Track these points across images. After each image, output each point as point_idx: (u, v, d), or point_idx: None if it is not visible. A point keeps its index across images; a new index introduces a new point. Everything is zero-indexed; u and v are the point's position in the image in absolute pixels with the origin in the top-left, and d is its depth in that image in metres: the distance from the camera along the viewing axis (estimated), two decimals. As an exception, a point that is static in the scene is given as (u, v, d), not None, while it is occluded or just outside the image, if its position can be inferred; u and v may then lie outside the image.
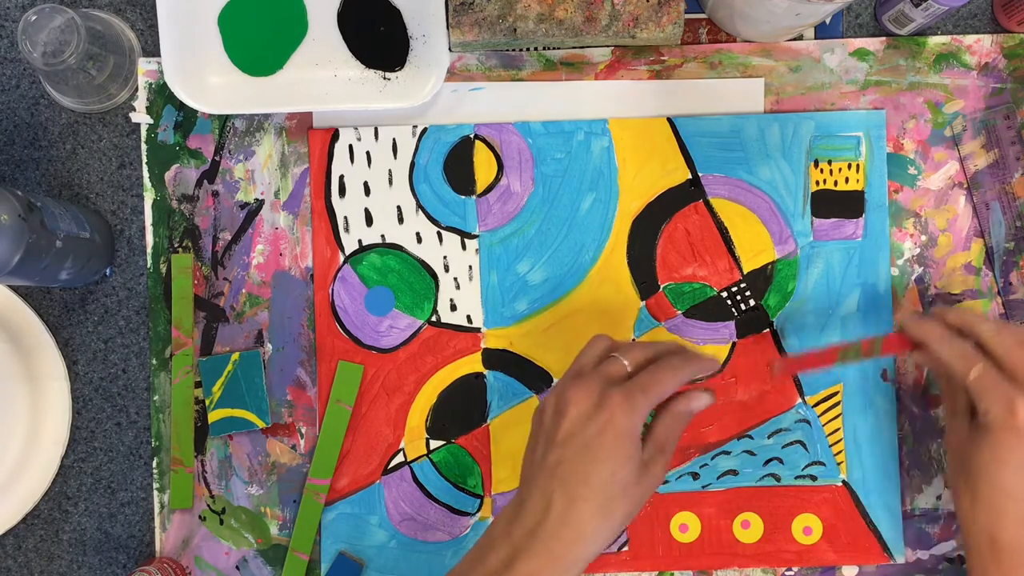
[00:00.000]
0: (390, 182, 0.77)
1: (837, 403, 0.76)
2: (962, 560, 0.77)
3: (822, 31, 0.77)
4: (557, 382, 0.65)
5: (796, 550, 0.76)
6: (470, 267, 0.77)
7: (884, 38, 0.77)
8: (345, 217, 0.77)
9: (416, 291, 0.77)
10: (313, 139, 0.77)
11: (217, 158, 0.77)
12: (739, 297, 0.76)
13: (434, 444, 0.77)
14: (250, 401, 0.76)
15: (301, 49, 0.76)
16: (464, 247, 0.77)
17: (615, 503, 0.60)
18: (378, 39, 0.75)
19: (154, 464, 0.77)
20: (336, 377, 0.76)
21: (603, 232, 0.77)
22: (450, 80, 0.77)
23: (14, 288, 0.76)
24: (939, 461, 0.77)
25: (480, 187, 0.77)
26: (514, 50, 0.77)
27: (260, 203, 0.77)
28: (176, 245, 0.77)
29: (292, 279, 0.77)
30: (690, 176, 0.77)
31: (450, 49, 0.75)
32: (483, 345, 0.77)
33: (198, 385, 0.77)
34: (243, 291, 0.77)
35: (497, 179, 0.77)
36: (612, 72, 0.77)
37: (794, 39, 0.77)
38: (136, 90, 0.77)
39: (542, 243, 0.77)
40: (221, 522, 0.77)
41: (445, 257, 0.77)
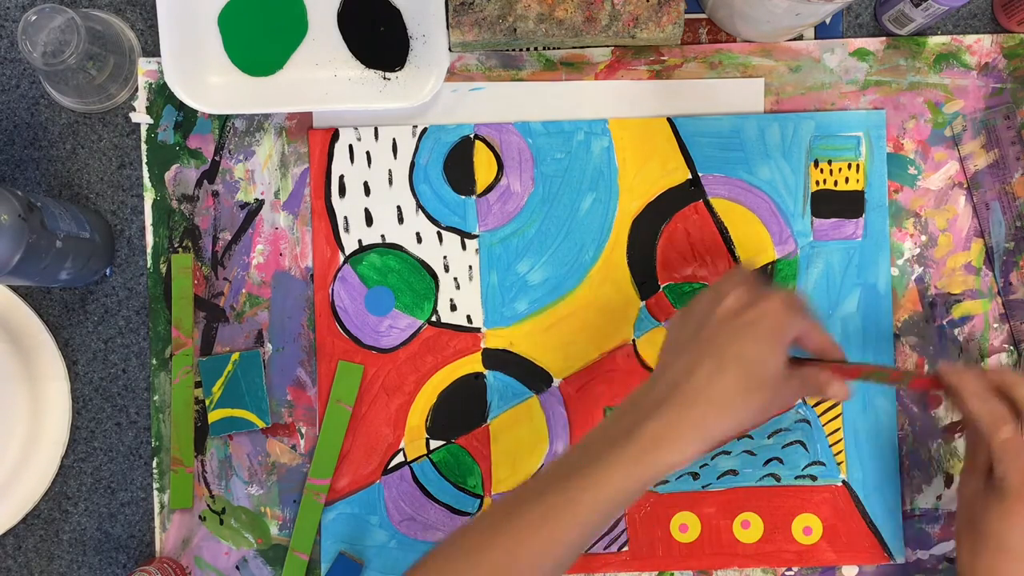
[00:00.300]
0: (390, 182, 0.77)
1: (837, 403, 0.76)
2: (962, 560, 0.77)
3: (822, 31, 0.77)
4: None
5: (796, 550, 0.76)
6: (470, 267, 0.77)
7: (884, 38, 0.77)
8: (345, 217, 0.77)
9: (416, 291, 0.77)
10: (313, 139, 0.77)
11: (217, 158, 0.77)
12: (739, 297, 0.76)
13: (434, 444, 0.77)
14: (250, 401, 0.76)
15: (301, 49, 0.76)
16: (464, 247, 0.77)
17: (758, 387, 0.59)
18: (378, 39, 0.75)
19: (154, 464, 0.77)
20: (336, 377, 0.76)
21: (603, 232, 0.77)
22: (450, 80, 0.77)
23: (14, 288, 0.76)
24: (939, 461, 0.77)
25: (480, 187, 0.77)
26: (514, 50, 0.77)
27: (260, 203, 0.77)
28: (176, 245, 0.77)
29: (292, 279, 0.77)
30: (690, 176, 0.77)
31: (450, 49, 0.75)
32: (483, 345, 0.77)
33: (198, 385, 0.77)
34: (243, 291, 0.77)
35: (497, 179, 0.77)
36: (612, 72, 0.77)
37: (794, 39, 0.77)
38: (136, 90, 0.77)
39: (542, 243, 0.77)
40: (221, 522, 0.77)
41: (445, 257, 0.77)
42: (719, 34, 0.77)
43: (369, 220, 0.77)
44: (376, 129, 0.77)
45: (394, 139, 0.77)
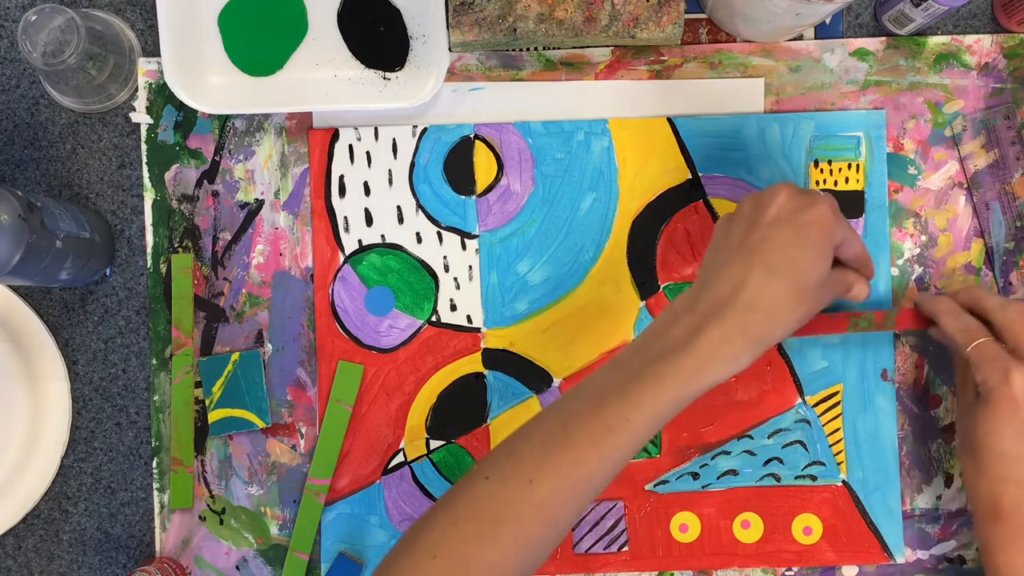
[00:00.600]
0: (390, 182, 0.77)
1: (837, 403, 0.76)
2: (962, 560, 0.77)
3: (822, 31, 0.77)
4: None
5: (796, 550, 0.76)
6: (470, 267, 0.77)
7: (884, 38, 0.77)
8: (345, 217, 0.77)
9: (416, 291, 0.77)
10: (313, 139, 0.77)
11: (217, 158, 0.77)
12: (739, 297, 0.76)
13: (434, 444, 0.77)
14: (250, 401, 0.76)
15: (301, 49, 0.76)
16: (464, 247, 0.77)
17: (806, 293, 0.60)
18: (378, 39, 0.75)
19: (154, 464, 0.77)
20: (336, 377, 0.76)
21: (603, 232, 0.77)
22: (450, 80, 0.77)
23: (14, 288, 0.76)
24: (939, 461, 0.77)
25: (480, 187, 0.77)
26: (514, 50, 0.77)
27: (260, 203, 0.77)
28: (176, 245, 0.77)
29: (292, 279, 0.77)
30: (690, 176, 0.77)
31: (450, 49, 0.75)
32: (483, 345, 0.77)
33: (198, 385, 0.77)
34: (243, 291, 0.77)
35: (497, 179, 0.77)
36: (612, 72, 0.77)
37: (794, 39, 0.77)
38: (136, 90, 0.77)
39: (542, 243, 0.77)
40: (221, 522, 0.77)
41: (445, 257, 0.77)
42: (719, 34, 0.77)
43: (369, 220, 0.77)
44: (376, 129, 0.77)
45: (394, 139, 0.77)
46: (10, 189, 0.64)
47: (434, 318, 0.77)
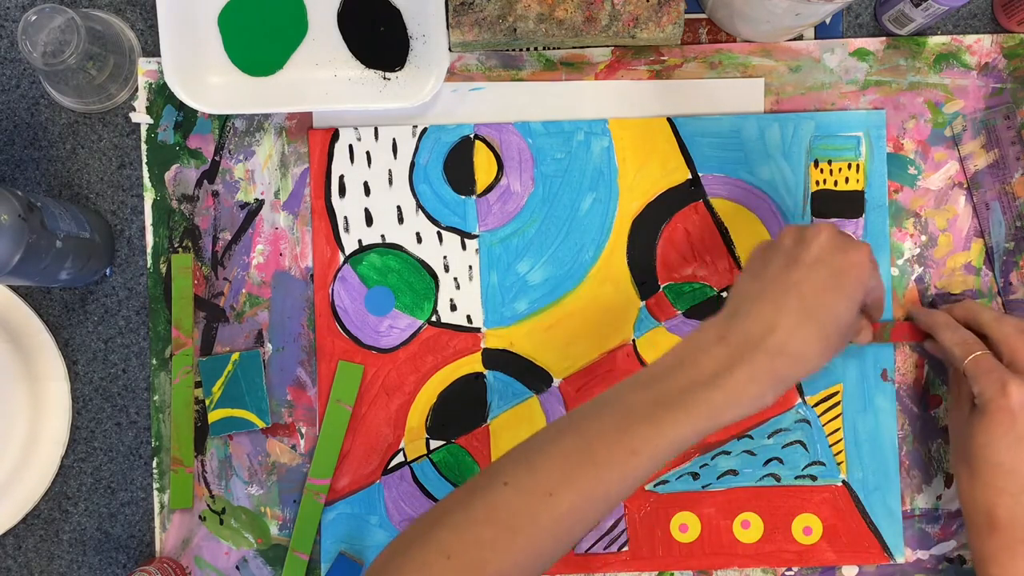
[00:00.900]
0: (390, 182, 0.77)
1: (837, 403, 0.76)
2: (962, 560, 0.77)
3: (822, 31, 0.77)
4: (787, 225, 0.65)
5: (796, 550, 0.76)
6: (470, 267, 0.77)
7: (884, 38, 0.77)
8: (345, 217, 0.77)
9: (416, 291, 0.77)
10: (313, 139, 0.77)
11: (217, 158, 0.77)
12: (739, 297, 0.76)
13: (434, 444, 0.77)
14: (250, 401, 0.76)
15: (301, 49, 0.76)
16: (464, 247, 0.77)
17: (834, 339, 0.60)
18: (378, 39, 0.75)
19: (154, 464, 0.77)
20: (336, 377, 0.76)
21: (603, 232, 0.77)
22: (450, 80, 0.77)
23: (14, 288, 0.76)
24: (939, 461, 0.77)
25: (480, 187, 0.77)
26: (514, 50, 0.77)
27: (260, 203, 0.77)
28: (176, 245, 0.77)
29: (292, 279, 0.77)
30: (690, 176, 0.77)
31: (450, 49, 0.75)
32: (483, 345, 0.77)
33: (198, 385, 0.77)
34: (243, 291, 0.77)
35: (497, 179, 0.77)
36: (612, 72, 0.77)
37: (794, 39, 0.77)
38: (136, 90, 0.77)
39: (542, 243, 0.77)
40: (221, 522, 0.77)
41: (445, 257, 0.77)
42: (719, 34, 0.77)
43: (369, 220, 0.77)
44: (376, 129, 0.77)
45: (394, 139, 0.77)
46: (10, 189, 0.64)
47: (434, 318, 0.77)
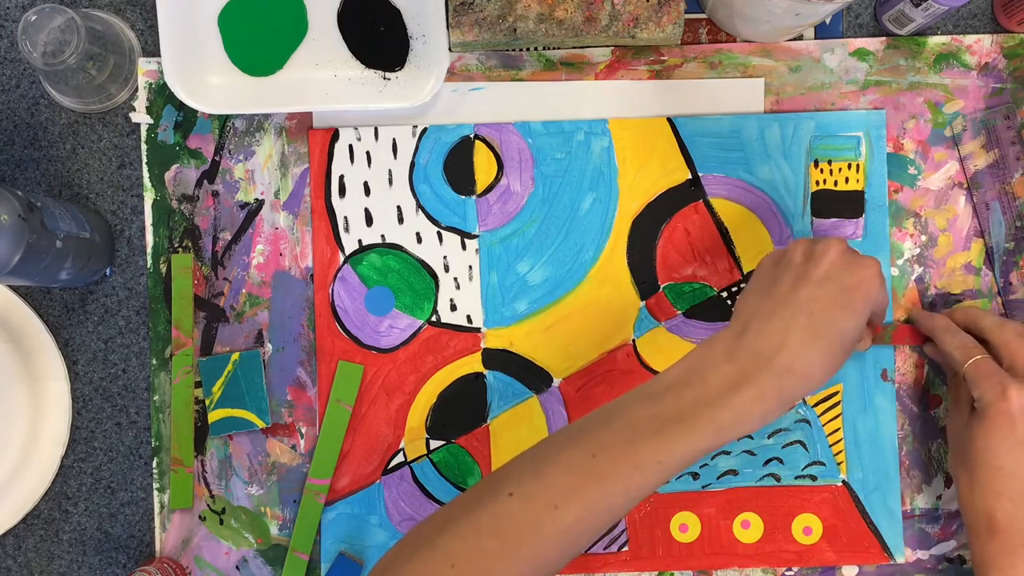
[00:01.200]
0: (390, 182, 0.77)
1: (837, 403, 0.76)
2: (962, 560, 0.77)
3: (822, 31, 0.77)
4: (796, 239, 0.65)
5: (796, 550, 0.76)
6: (470, 267, 0.77)
7: (884, 38, 0.77)
8: (345, 217, 0.77)
9: (416, 291, 0.77)
10: (313, 139, 0.77)
11: (217, 158, 0.77)
12: (739, 297, 0.76)
13: (434, 444, 0.77)
14: (250, 401, 0.76)
15: (301, 49, 0.76)
16: (464, 247, 0.77)
17: (840, 356, 0.60)
18: (378, 39, 0.75)
19: (154, 464, 0.77)
20: (336, 377, 0.76)
21: (603, 232, 0.77)
22: (450, 80, 0.77)
23: (14, 288, 0.76)
24: (939, 461, 0.77)
25: (480, 187, 0.77)
26: (514, 50, 0.77)
27: (260, 203, 0.77)
28: (176, 245, 0.77)
29: (292, 279, 0.77)
30: (690, 176, 0.77)
31: (450, 49, 0.75)
32: (483, 345, 0.77)
33: (198, 385, 0.77)
34: (243, 291, 0.77)
35: (497, 179, 0.77)
36: (612, 72, 0.77)
37: (794, 39, 0.77)
38: (136, 90, 0.77)
39: (542, 243, 0.77)
40: (221, 522, 0.77)
41: (445, 257, 0.77)
42: (719, 34, 0.77)
43: (369, 220, 0.77)
44: (376, 129, 0.77)
45: (394, 139, 0.77)
46: (10, 189, 0.64)
47: (434, 318, 0.77)
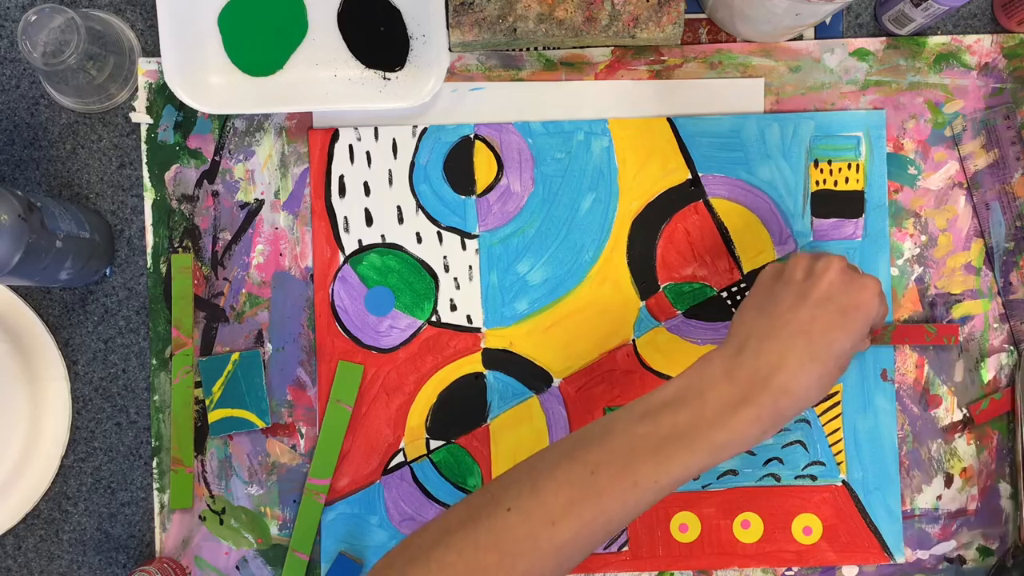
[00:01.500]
0: (390, 182, 0.77)
1: (837, 403, 0.76)
2: (962, 560, 0.77)
3: (822, 31, 0.77)
4: (796, 253, 0.64)
5: (796, 550, 0.76)
6: (470, 267, 0.77)
7: (884, 38, 0.77)
8: (345, 217, 0.77)
9: (416, 291, 0.77)
10: (313, 139, 0.77)
11: (217, 158, 0.77)
12: (739, 297, 0.76)
13: (434, 444, 0.77)
14: (250, 401, 0.76)
15: (301, 49, 0.76)
16: (464, 247, 0.77)
17: (834, 376, 0.61)
18: (378, 39, 0.75)
19: (154, 464, 0.77)
20: (336, 377, 0.76)
21: (603, 232, 0.77)
22: (450, 80, 0.77)
23: (14, 288, 0.76)
24: (939, 461, 0.77)
25: (480, 187, 0.77)
26: (514, 50, 0.77)
27: (260, 203, 0.77)
28: (176, 245, 0.77)
29: (292, 279, 0.77)
30: (690, 176, 0.77)
31: (450, 49, 0.75)
32: (483, 345, 0.77)
33: (198, 385, 0.77)
34: (243, 291, 0.77)
35: (497, 179, 0.77)
36: (612, 72, 0.77)
37: (794, 39, 0.77)
38: (136, 90, 0.77)
39: (542, 243, 0.77)
40: (221, 522, 0.77)
41: (445, 257, 0.77)
42: (719, 34, 0.77)
43: (369, 220, 0.77)
44: (376, 129, 0.77)
45: (394, 139, 0.77)
46: (10, 189, 0.64)
47: (434, 318, 0.77)
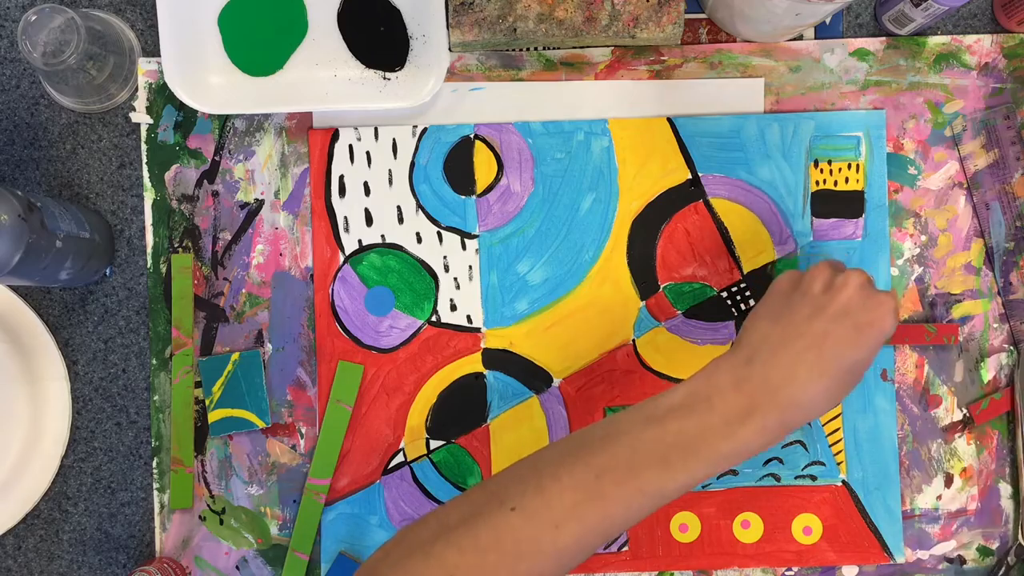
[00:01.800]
0: (390, 182, 0.77)
1: (837, 403, 0.76)
2: (962, 560, 0.77)
3: (822, 31, 0.77)
4: (817, 264, 0.64)
5: (796, 550, 0.76)
6: (470, 267, 0.77)
7: (884, 38, 0.77)
8: (345, 217, 0.77)
9: (416, 291, 0.77)
10: (313, 139, 0.77)
11: (217, 158, 0.77)
12: (739, 297, 0.76)
13: (434, 444, 0.77)
14: (250, 401, 0.76)
15: (301, 49, 0.76)
16: (464, 247, 0.77)
17: (843, 391, 0.60)
18: (378, 39, 0.75)
19: (154, 464, 0.77)
20: (336, 377, 0.76)
21: (603, 232, 0.77)
22: (450, 80, 0.77)
23: (14, 288, 0.76)
24: (939, 461, 0.77)
25: (480, 187, 0.77)
26: (514, 50, 0.77)
27: (260, 203, 0.77)
28: (176, 245, 0.77)
29: (292, 279, 0.77)
30: (690, 176, 0.77)
31: (450, 49, 0.75)
32: (483, 345, 0.77)
33: (198, 385, 0.77)
34: (243, 291, 0.77)
35: (497, 179, 0.77)
36: (612, 72, 0.77)
37: (794, 39, 0.77)
38: (136, 90, 0.77)
39: (542, 243, 0.77)
40: (221, 522, 0.77)
41: (445, 257, 0.77)
42: (719, 34, 0.77)
43: (369, 220, 0.77)
44: (376, 129, 0.77)
45: (394, 139, 0.77)
46: (10, 189, 0.64)
47: (434, 318, 0.77)
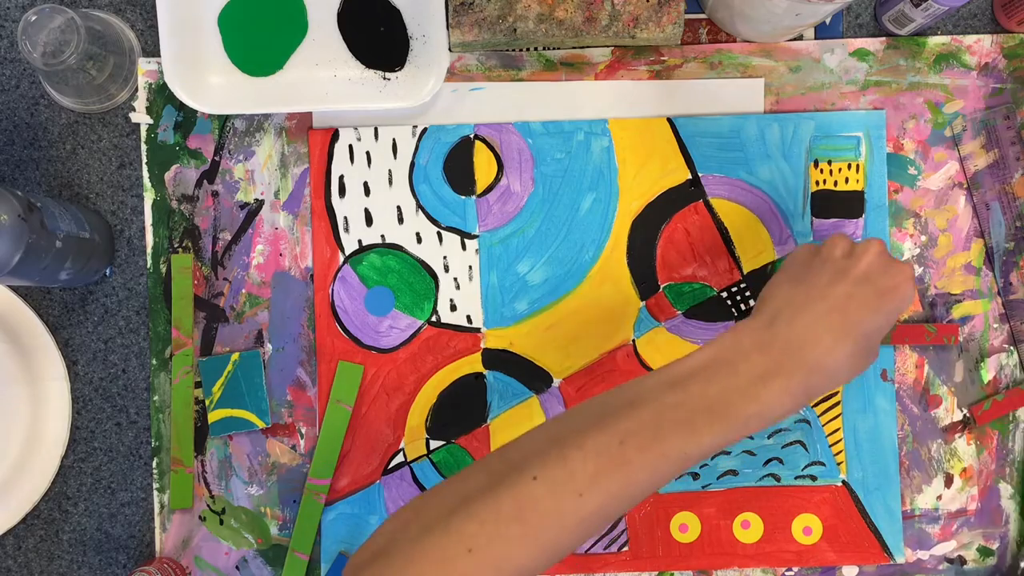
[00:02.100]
0: (390, 182, 0.77)
1: (837, 403, 0.76)
2: (962, 560, 0.77)
3: (822, 31, 0.77)
4: (835, 235, 0.65)
5: (796, 550, 0.76)
6: (470, 267, 0.77)
7: (884, 38, 0.77)
8: (345, 217, 0.77)
9: (416, 291, 0.77)
10: (313, 139, 0.77)
11: (217, 158, 0.77)
12: (739, 297, 0.76)
13: (434, 444, 0.77)
14: (250, 401, 0.76)
15: (301, 49, 0.76)
16: (464, 247, 0.77)
17: (864, 358, 0.60)
18: (378, 39, 0.75)
19: (154, 464, 0.77)
20: (336, 377, 0.76)
21: (603, 232, 0.77)
22: (450, 80, 0.77)
23: (14, 288, 0.76)
24: (939, 461, 0.77)
25: (480, 187, 0.77)
26: (514, 50, 0.77)
27: (260, 203, 0.77)
28: (176, 245, 0.77)
29: (292, 279, 0.77)
30: (690, 176, 0.77)
31: (450, 49, 0.75)
32: (483, 345, 0.77)
33: (198, 385, 0.77)
34: (243, 291, 0.77)
35: (497, 179, 0.77)
36: (612, 72, 0.77)
37: (794, 39, 0.77)
38: (136, 90, 0.77)
39: (542, 243, 0.77)
40: (221, 522, 0.77)
41: (445, 257, 0.77)
42: (719, 34, 0.77)
43: (369, 220, 0.77)
44: (376, 129, 0.77)
45: (394, 139, 0.77)
46: (10, 189, 0.64)
47: (434, 318, 0.77)
